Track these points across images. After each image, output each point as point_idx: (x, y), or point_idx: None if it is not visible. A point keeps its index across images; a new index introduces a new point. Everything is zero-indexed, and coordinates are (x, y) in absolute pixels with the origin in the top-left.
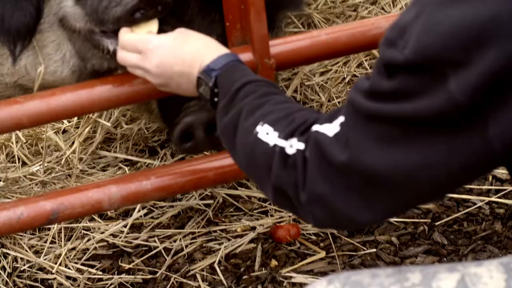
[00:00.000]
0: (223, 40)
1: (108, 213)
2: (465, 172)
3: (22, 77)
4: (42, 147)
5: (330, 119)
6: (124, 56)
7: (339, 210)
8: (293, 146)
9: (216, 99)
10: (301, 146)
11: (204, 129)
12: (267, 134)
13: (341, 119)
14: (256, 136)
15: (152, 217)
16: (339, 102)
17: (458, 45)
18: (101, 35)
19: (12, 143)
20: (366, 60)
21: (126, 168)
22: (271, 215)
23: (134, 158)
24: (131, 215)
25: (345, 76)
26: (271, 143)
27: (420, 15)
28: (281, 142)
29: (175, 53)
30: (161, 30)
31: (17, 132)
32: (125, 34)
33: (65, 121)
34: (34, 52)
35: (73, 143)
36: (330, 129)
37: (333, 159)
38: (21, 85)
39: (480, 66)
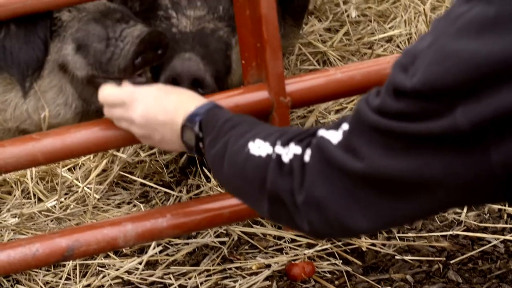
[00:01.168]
0: (229, 15)
1: (123, 250)
2: (464, 193)
3: (24, 121)
4: (57, 183)
5: (335, 126)
6: (108, 110)
7: (336, 215)
8: (289, 152)
9: (201, 144)
10: (298, 150)
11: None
12: (259, 148)
13: (345, 126)
14: (247, 153)
15: (167, 254)
16: None
17: (470, 79)
18: (104, 78)
19: (27, 179)
20: None
21: (141, 206)
22: (286, 253)
23: (154, 186)
24: (146, 252)
25: None
26: (264, 154)
27: (433, 45)
28: (277, 149)
29: (159, 103)
30: None
31: (32, 168)
32: (107, 88)
33: None
34: (35, 97)
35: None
36: (335, 136)
37: (344, 166)
38: (23, 129)
39: (492, 102)
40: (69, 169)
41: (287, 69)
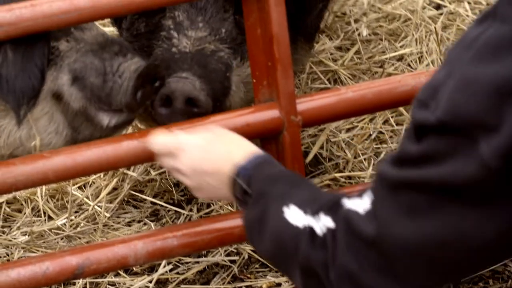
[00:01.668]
0: (231, 38)
1: (134, 268)
2: (501, 243)
3: (17, 148)
4: (67, 201)
5: (359, 194)
6: (160, 159)
7: None
8: (321, 224)
9: (247, 199)
10: (329, 223)
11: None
12: (293, 216)
13: (369, 193)
14: (283, 219)
15: (177, 273)
16: (365, 159)
17: (490, 105)
18: (95, 110)
19: (38, 197)
20: (392, 117)
21: (152, 224)
22: None
23: (164, 205)
24: (156, 271)
25: (371, 133)
26: (297, 224)
27: (452, 74)
28: (309, 221)
29: (206, 153)
30: (169, 17)
31: (43, 186)
32: (156, 137)
33: None
34: (28, 124)
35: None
36: (360, 205)
37: (363, 235)
38: (15, 156)
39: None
40: (79, 187)
41: (298, 88)
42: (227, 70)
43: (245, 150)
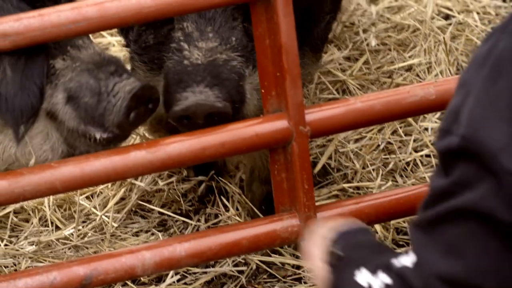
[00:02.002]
0: (242, 46)
1: (141, 278)
2: None
3: (12, 164)
4: (75, 211)
5: (406, 251)
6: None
7: None
8: (379, 281)
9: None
10: (387, 280)
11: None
12: (362, 276)
13: (412, 246)
14: (353, 281)
15: (185, 283)
16: (373, 170)
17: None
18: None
19: (45, 206)
20: (401, 127)
21: (160, 234)
22: (305, 282)
23: (172, 215)
24: (164, 281)
25: (380, 143)
26: (364, 283)
27: (470, 94)
28: (371, 279)
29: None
30: (178, 28)
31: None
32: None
33: None
34: (23, 141)
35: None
36: (409, 259)
37: (414, 286)
38: None
39: None
40: (87, 197)
41: (307, 98)
42: (240, 79)
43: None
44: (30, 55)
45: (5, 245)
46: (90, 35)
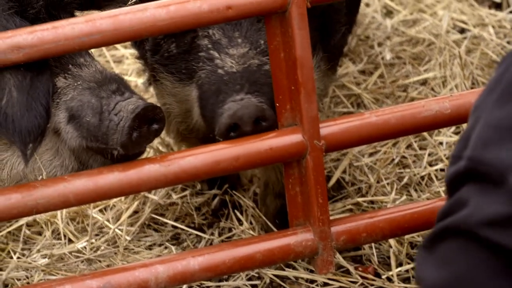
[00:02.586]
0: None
1: None
2: None
3: (20, 181)
4: (88, 224)
5: None
6: None
7: None
8: None
9: None
10: None
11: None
12: None
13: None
14: None
15: None
16: (388, 184)
17: None
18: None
19: (58, 219)
20: (415, 142)
21: (173, 248)
22: None
23: (185, 229)
24: None
25: (394, 157)
26: None
27: (479, 119)
28: None
29: None
30: (203, 36)
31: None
32: None
33: None
34: (31, 157)
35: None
36: None
37: None
38: None
39: None
40: (100, 210)
41: (321, 112)
42: None
43: None
44: (35, 75)
45: (18, 258)
46: (104, 48)
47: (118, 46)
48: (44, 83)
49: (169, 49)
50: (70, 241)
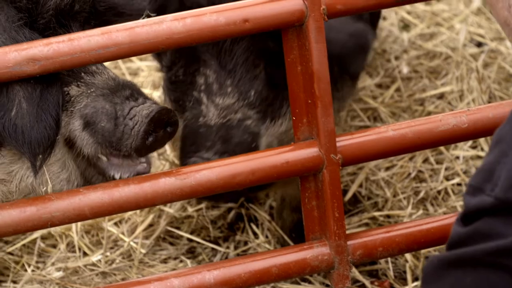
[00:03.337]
0: (261, 99)
1: None
2: None
3: (29, 194)
4: (102, 237)
5: None
6: None
7: None
8: None
9: None
10: None
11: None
12: None
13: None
14: None
15: None
16: (404, 198)
17: None
18: (107, 164)
19: (72, 232)
20: (432, 156)
21: (188, 261)
22: None
23: (201, 242)
24: None
25: (411, 171)
26: None
27: (507, 155)
28: None
29: None
30: (202, 73)
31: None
32: None
33: None
34: (40, 170)
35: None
36: None
37: None
38: None
39: None
40: (115, 223)
41: (337, 126)
42: (253, 140)
43: None
44: (44, 86)
45: (32, 270)
46: (119, 61)
47: (133, 58)
48: (54, 95)
49: (177, 73)
50: (85, 254)
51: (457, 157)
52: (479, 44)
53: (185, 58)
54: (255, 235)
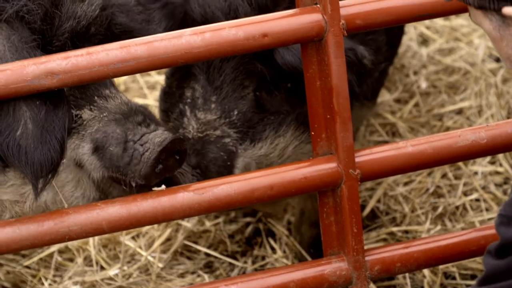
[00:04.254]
0: (244, 120)
1: None
2: None
3: (43, 211)
4: (120, 251)
5: None
6: None
7: None
8: None
9: None
10: None
11: None
12: None
13: None
14: None
15: None
16: (422, 213)
17: None
18: (121, 180)
19: (90, 246)
20: (450, 171)
21: (206, 276)
22: None
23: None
24: None
25: (429, 187)
26: None
27: None
28: None
29: None
30: (190, 87)
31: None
32: None
33: None
34: (53, 189)
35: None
36: None
37: None
38: None
39: None
40: (132, 237)
41: (356, 141)
42: (229, 158)
43: None
44: (51, 108)
45: (49, 284)
46: (137, 74)
47: (151, 72)
48: (60, 117)
49: (171, 84)
50: (102, 268)
51: (476, 173)
52: (498, 59)
53: (181, 71)
54: (273, 249)
